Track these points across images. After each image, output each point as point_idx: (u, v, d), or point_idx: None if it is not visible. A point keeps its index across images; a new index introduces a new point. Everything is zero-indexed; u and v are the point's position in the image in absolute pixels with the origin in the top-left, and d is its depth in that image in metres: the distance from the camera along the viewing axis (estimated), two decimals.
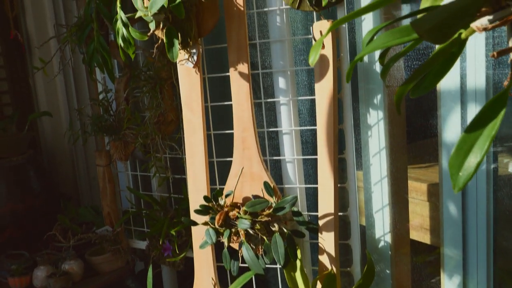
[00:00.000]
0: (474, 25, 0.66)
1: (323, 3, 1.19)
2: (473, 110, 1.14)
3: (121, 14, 1.41)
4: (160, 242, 1.67)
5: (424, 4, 0.82)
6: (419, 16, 0.77)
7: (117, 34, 1.42)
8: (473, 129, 0.55)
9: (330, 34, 1.23)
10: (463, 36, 0.63)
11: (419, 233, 1.47)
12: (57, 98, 2.09)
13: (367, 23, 1.31)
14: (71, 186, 2.20)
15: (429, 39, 0.59)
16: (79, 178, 2.18)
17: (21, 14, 2.19)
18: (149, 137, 1.63)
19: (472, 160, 0.54)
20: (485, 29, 0.72)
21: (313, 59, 0.81)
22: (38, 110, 2.21)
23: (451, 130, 1.20)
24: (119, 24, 1.41)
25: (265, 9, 1.33)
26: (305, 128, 1.47)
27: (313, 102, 1.41)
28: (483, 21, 0.70)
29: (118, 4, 1.43)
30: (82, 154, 2.13)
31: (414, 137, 1.41)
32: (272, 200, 1.30)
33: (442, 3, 0.75)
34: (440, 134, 1.22)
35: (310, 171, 1.52)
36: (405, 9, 1.34)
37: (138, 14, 1.25)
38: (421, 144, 1.46)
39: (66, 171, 2.21)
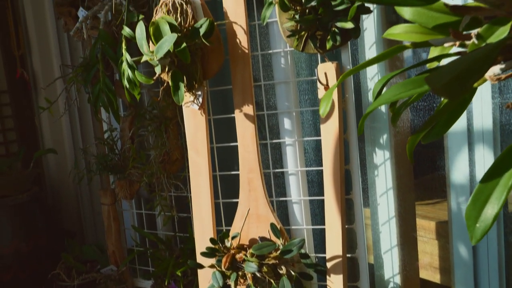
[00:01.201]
0: (487, 75, 0.66)
1: (328, 46, 1.20)
2: (480, 151, 1.14)
3: (126, 56, 1.42)
4: (166, 283, 1.65)
5: (432, 53, 0.82)
6: (429, 65, 0.77)
7: (122, 75, 1.44)
8: (489, 179, 0.54)
9: (334, 75, 1.23)
10: (475, 85, 0.62)
11: (429, 272, 1.45)
12: (62, 135, 2.09)
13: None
14: (76, 224, 2.19)
15: (445, 95, 0.59)
16: (84, 215, 2.17)
17: (27, 53, 2.21)
18: (154, 176, 1.63)
19: (489, 211, 0.53)
20: (498, 79, 0.72)
21: (324, 110, 0.81)
22: (43, 147, 2.22)
23: (459, 170, 1.19)
24: (124, 65, 1.43)
25: (270, 51, 1.34)
26: (312, 169, 1.46)
27: (318, 140, 1.41)
28: (495, 69, 0.70)
29: (124, 46, 1.45)
30: (86, 191, 2.12)
31: (420, 174, 1.40)
32: (279, 242, 1.28)
33: (450, 51, 0.75)
34: (448, 175, 1.21)
35: (316, 210, 1.51)
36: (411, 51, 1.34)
37: (144, 59, 1.26)
38: (427, 180, 1.45)
39: (70, 209, 2.20)
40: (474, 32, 0.67)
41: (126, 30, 1.41)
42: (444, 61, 0.76)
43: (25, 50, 2.22)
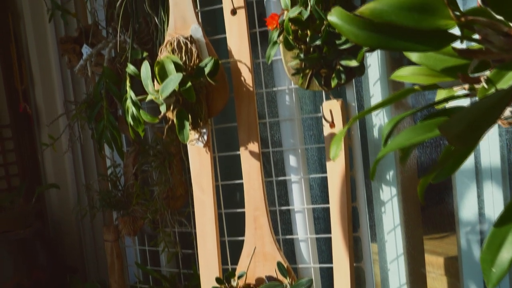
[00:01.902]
0: (499, 121, 0.66)
1: (333, 85, 1.20)
2: (489, 188, 1.13)
3: (131, 94, 1.42)
4: None
5: (440, 94, 0.82)
6: (437, 106, 0.77)
7: (126, 112, 1.43)
8: (503, 223, 0.54)
9: (340, 112, 1.23)
10: None
11: None
12: (65, 170, 2.08)
13: (376, 99, 1.31)
14: (78, 260, 2.16)
15: (459, 144, 0.58)
16: (86, 251, 2.15)
17: (30, 87, 2.22)
18: (158, 212, 1.61)
19: (505, 255, 0.52)
20: (510, 124, 0.71)
21: (334, 154, 0.80)
22: (45, 181, 2.21)
23: (468, 207, 1.18)
24: (128, 103, 1.42)
25: (274, 89, 1.35)
26: (318, 206, 1.45)
27: (324, 176, 1.40)
28: (506, 112, 0.70)
29: (128, 84, 1.45)
30: (89, 227, 2.10)
31: (428, 209, 1.39)
32: (286, 282, 1.26)
33: (456, 94, 0.75)
34: (456, 211, 1.20)
35: (323, 247, 1.49)
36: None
37: (149, 98, 1.26)
38: (435, 215, 1.44)
39: (72, 244, 2.17)
40: (483, 76, 0.67)
41: (130, 68, 1.42)
42: (452, 103, 0.76)
43: (28, 84, 2.23)
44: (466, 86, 0.72)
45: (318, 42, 1.16)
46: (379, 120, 1.31)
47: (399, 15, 0.62)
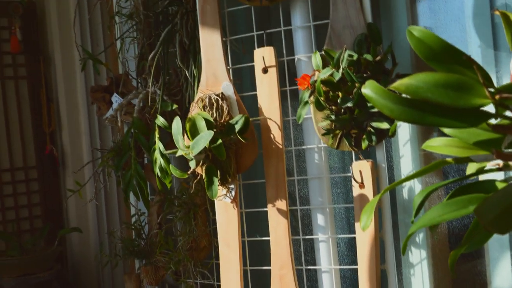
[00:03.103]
0: None
1: (363, 146, 1.20)
2: None
3: (159, 146, 1.44)
4: None
5: (470, 170, 0.81)
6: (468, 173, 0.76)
7: (154, 163, 1.45)
8: None
9: (370, 173, 1.23)
10: None
11: None
12: (87, 214, 2.10)
13: (406, 160, 1.31)
14: None
15: (494, 230, 0.57)
16: None
17: (58, 131, 2.26)
18: (181, 263, 1.60)
19: None
20: None
21: (365, 224, 0.79)
22: (68, 224, 2.22)
23: (501, 276, 1.15)
24: (157, 154, 1.44)
25: (303, 147, 1.35)
26: (346, 267, 1.43)
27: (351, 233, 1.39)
28: None
29: (157, 135, 1.46)
30: (109, 273, 2.10)
31: (459, 277, 1.35)
32: None
33: (486, 168, 0.73)
34: (489, 281, 1.17)
35: None
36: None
37: (179, 153, 1.27)
38: (465, 279, 1.40)
39: None
40: None
41: (160, 120, 1.44)
42: (484, 176, 0.74)
43: (55, 128, 2.27)
44: (500, 162, 0.71)
45: (349, 104, 1.17)
46: (409, 181, 1.30)
47: (435, 93, 0.62)
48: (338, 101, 1.19)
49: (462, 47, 1.32)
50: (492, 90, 0.61)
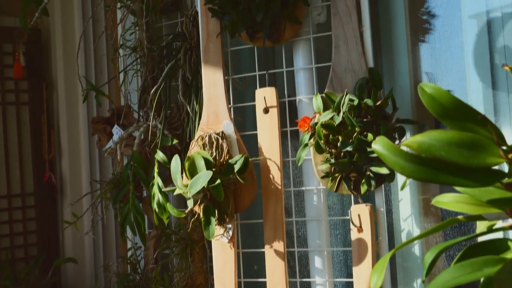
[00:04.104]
0: None
1: (362, 191, 1.20)
2: None
3: (158, 181, 1.43)
4: None
5: (480, 227, 0.79)
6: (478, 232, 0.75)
7: (152, 198, 1.44)
8: None
9: (368, 217, 1.22)
10: None
11: None
12: (84, 245, 2.08)
13: (405, 204, 1.30)
14: None
15: None
16: None
17: (57, 158, 2.25)
18: None
19: None
20: None
21: (375, 284, 0.77)
22: (63, 253, 2.19)
23: None
24: (155, 189, 1.43)
25: (302, 188, 1.34)
26: None
27: (349, 276, 1.37)
28: None
29: (156, 169, 1.46)
30: None
31: None
32: None
33: (499, 227, 0.72)
34: None
35: None
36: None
37: (177, 192, 1.27)
38: None
39: None
40: None
41: (160, 155, 1.43)
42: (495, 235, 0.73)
43: (55, 155, 2.27)
44: None
45: (349, 149, 1.17)
46: (407, 225, 1.29)
47: (448, 151, 0.60)
48: (338, 144, 1.19)
49: (462, 87, 1.34)
50: (505, 148, 0.60)
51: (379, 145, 0.64)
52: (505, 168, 0.61)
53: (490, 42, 1.29)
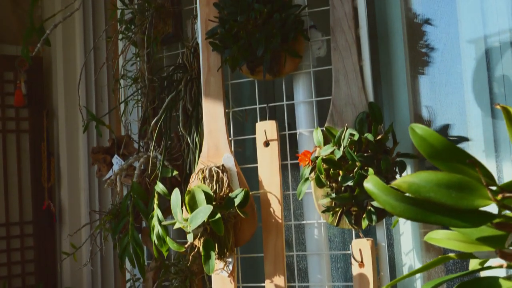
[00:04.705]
0: None
1: (363, 226, 1.19)
2: None
3: (157, 212, 1.42)
4: None
5: (473, 264, 0.80)
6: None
7: (151, 230, 1.43)
8: None
9: (369, 252, 1.21)
10: None
11: None
12: (82, 275, 2.06)
13: (406, 238, 1.29)
14: None
15: None
16: None
17: (57, 186, 2.25)
18: None
19: None
20: None
21: None
22: (61, 283, 2.17)
23: None
24: (155, 221, 1.42)
25: (303, 222, 1.34)
26: None
27: None
28: None
29: (156, 201, 1.45)
30: None
31: None
32: None
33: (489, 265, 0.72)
34: None
35: None
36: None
37: (176, 226, 1.26)
38: None
39: None
40: None
41: (160, 186, 1.43)
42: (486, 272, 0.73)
43: (54, 183, 2.26)
44: (504, 263, 0.69)
45: (350, 183, 1.17)
46: (409, 259, 1.28)
47: (437, 192, 0.62)
48: (339, 179, 1.18)
49: (462, 119, 1.34)
50: (494, 188, 0.61)
51: (370, 184, 0.65)
52: (495, 208, 0.62)
53: (489, 72, 1.30)
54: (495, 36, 1.29)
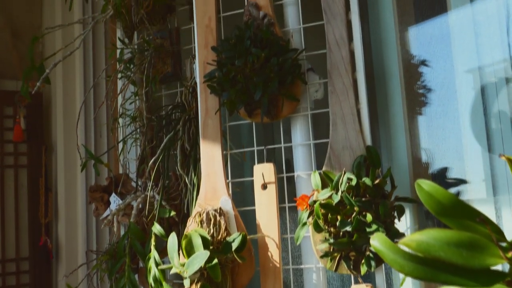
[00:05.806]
0: None
1: (362, 271, 1.17)
2: None
3: (154, 254, 1.41)
4: None
5: None
6: None
7: (148, 272, 1.41)
8: None
9: None
10: None
11: None
12: None
13: (406, 283, 1.27)
14: None
15: None
16: None
17: (54, 222, 2.23)
18: None
19: None
20: None
21: None
22: None
23: None
24: (151, 263, 1.41)
25: (301, 266, 1.32)
26: None
27: None
28: None
29: (153, 242, 1.44)
30: None
31: None
32: None
33: None
34: None
35: None
36: None
37: (173, 270, 1.24)
38: None
39: None
40: None
41: (157, 228, 1.42)
42: None
43: (52, 219, 2.25)
44: None
45: (348, 228, 1.16)
46: None
47: (447, 252, 0.60)
48: (337, 224, 1.17)
49: (460, 153, 1.34)
50: (504, 245, 0.60)
51: (377, 241, 0.64)
52: (507, 266, 0.61)
53: (485, 110, 1.30)
54: (491, 70, 1.30)
